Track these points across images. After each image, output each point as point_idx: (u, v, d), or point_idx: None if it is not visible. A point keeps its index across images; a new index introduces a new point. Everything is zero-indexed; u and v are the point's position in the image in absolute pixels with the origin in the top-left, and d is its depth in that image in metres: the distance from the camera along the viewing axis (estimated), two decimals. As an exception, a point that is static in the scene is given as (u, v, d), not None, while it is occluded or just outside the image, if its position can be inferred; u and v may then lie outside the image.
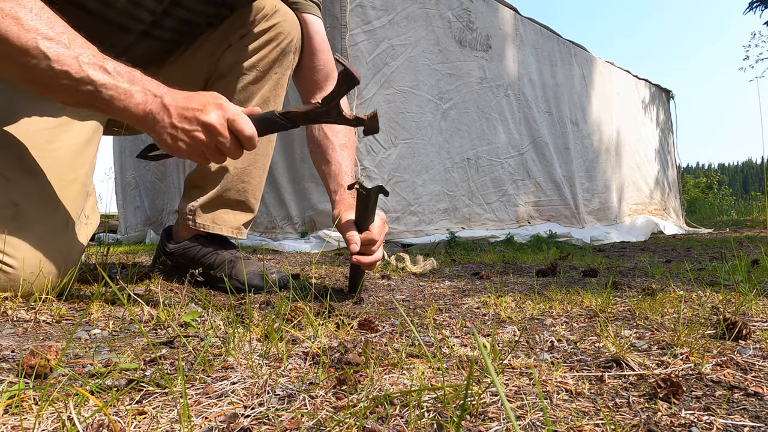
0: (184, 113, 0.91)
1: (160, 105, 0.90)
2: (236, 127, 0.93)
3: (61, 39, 0.84)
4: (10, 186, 1.03)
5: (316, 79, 1.39)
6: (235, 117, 0.92)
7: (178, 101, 0.91)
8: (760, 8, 9.18)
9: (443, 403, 0.53)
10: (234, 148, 0.95)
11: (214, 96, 0.94)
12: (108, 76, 0.87)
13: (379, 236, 1.21)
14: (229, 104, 0.94)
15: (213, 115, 0.91)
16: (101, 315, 0.97)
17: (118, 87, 0.87)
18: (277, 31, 1.30)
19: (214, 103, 0.92)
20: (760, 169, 41.39)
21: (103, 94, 0.87)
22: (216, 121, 0.91)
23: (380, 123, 2.88)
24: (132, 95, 0.88)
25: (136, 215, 4.12)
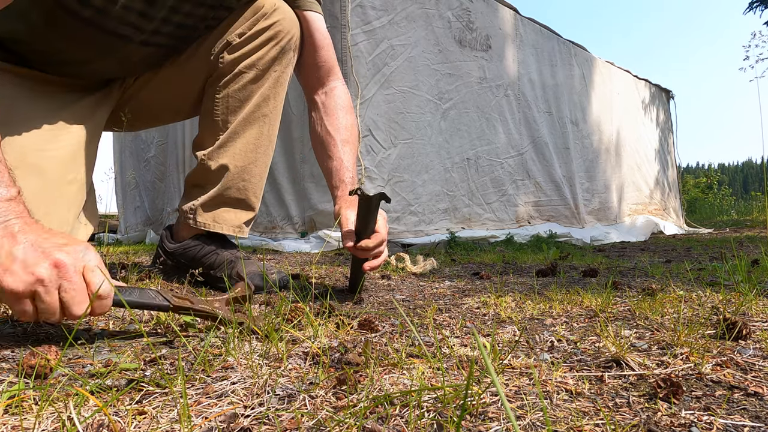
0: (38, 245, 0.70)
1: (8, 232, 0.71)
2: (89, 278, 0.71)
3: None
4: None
5: (318, 75, 1.40)
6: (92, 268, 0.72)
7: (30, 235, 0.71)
8: (760, 8, 9.19)
9: (443, 403, 0.53)
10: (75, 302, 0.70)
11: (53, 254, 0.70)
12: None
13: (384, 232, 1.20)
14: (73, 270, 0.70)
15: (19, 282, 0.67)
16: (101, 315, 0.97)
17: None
18: (276, 29, 1.30)
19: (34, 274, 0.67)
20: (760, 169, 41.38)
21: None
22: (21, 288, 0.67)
23: (380, 123, 2.89)
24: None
25: (136, 215, 4.12)
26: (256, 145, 1.35)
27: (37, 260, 0.68)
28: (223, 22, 1.31)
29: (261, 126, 1.35)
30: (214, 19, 1.29)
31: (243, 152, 1.33)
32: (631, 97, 5.77)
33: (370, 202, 1.12)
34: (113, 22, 1.14)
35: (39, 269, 0.67)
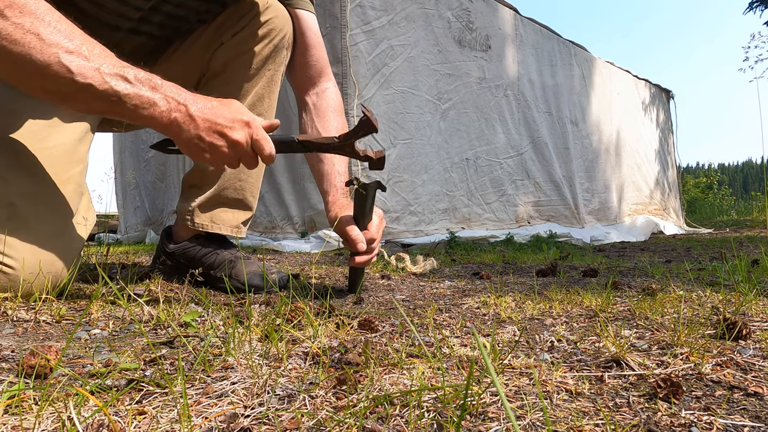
0: (213, 127, 0.92)
1: (186, 114, 0.91)
2: (258, 147, 0.96)
3: (81, 51, 0.84)
4: (6, 186, 1.02)
5: (309, 75, 1.39)
6: (258, 137, 0.96)
7: (205, 112, 0.92)
8: (760, 8, 9.19)
9: (443, 403, 0.53)
10: (252, 162, 0.99)
11: (240, 111, 0.96)
12: (130, 86, 0.87)
13: (378, 234, 1.21)
14: (255, 121, 0.96)
15: (241, 133, 0.94)
16: (101, 315, 0.97)
17: (141, 96, 0.88)
18: (269, 27, 1.29)
19: (242, 121, 0.94)
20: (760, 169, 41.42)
21: (127, 104, 0.87)
22: (243, 139, 0.94)
23: (380, 123, 2.89)
24: (155, 103, 0.89)
25: (136, 215, 4.12)
26: None
27: (236, 118, 0.94)
28: (216, 20, 1.30)
29: None
30: (206, 13, 1.28)
31: None
32: (631, 97, 5.77)
33: (366, 192, 1.13)
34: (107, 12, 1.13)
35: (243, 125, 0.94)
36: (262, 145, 0.96)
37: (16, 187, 1.04)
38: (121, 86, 0.86)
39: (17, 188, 1.04)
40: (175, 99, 0.91)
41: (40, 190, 1.07)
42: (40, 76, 0.83)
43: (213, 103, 0.94)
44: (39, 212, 1.05)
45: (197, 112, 0.92)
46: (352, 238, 1.17)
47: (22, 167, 1.06)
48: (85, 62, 0.84)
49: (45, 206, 1.07)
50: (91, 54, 0.85)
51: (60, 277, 1.06)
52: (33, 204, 1.05)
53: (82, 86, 0.84)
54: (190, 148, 0.94)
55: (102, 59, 0.86)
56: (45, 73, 0.83)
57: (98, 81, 0.85)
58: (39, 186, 1.07)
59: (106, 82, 0.85)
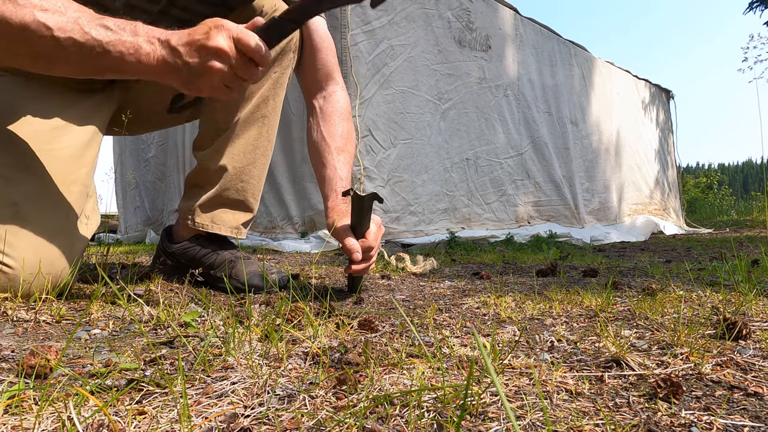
0: (192, 46, 0.89)
1: (169, 48, 0.89)
2: (242, 44, 0.90)
3: (56, 7, 0.83)
4: (10, 186, 1.03)
5: (317, 78, 1.39)
6: (238, 34, 0.90)
7: (183, 38, 0.90)
8: (760, 8, 9.19)
9: (443, 403, 0.53)
10: (249, 68, 0.93)
11: (213, 20, 0.91)
12: (111, 33, 0.86)
13: (375, 242, 1.22)
14: (229, 23, 0.91)
15: (218, 38, 0.89)
16: (101, 315, 0.97)
17: (124, 42, 0.86)
18: None
19: (214, 26, 0.90)
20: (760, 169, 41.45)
21: (112, 53, 0.86)
22: (223, 43, 0.89)
23: (380, 123, 2.89)
24: (140, 46, 0.87)
25: (136, 215, 4.12)
26: (254, 146, 1.35)
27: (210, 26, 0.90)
28: None
29: (260, 127, 1.35)
30: (214, 15, 1.29)
31: (242, 153, 1.33)
32: (631, 97, 5.77)
33: (362, 203, 1.15)
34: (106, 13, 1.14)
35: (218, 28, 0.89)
36: (246, 40, 0.90)
37: (20, 187, 1.04)
38: (102, 34, 0.85)
39: (21, 188, 1.04)
40: (157, 37, 0.89)
41: (44, 191, 1.08)
42: (22, 39, 0.82)
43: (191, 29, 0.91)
44: (42, 213, 1.05)
45: (177, 41, 0.89)
46: (348, 247, 1.18)
47: (27, 168, 1.07)
48: (61, 17, 0.83)
49: (48, 207, 1.07)
50: (67, 9, 0.85)
51: (60, 278, 1.06)
52: (36, 204, 1.05)
53: (64, 41, 0.83)
54: (184, 82, 0.92)
55: (79, 12, 0.85)
56: (25, 36, 0.82)
57: (78, 33, 0.84)
58: (43, 187, 1.08)
59: (86, 33, 0.84)
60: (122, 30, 0.87)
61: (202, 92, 0.94)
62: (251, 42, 0.91)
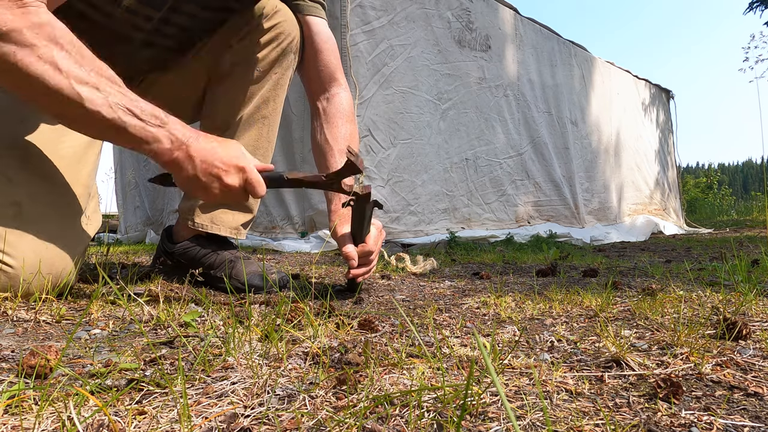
0: (209, 170, 0.96)
1: (186, 154, 0.95)
2: (251, 190, 1.01)
3: (91, 79, 0.87)
4: (12, 186, 1.03)
5: (320, 81, 1.39)
6: (251, 181, 0.99)
7: (204, 154, 0.96)
8: (760, 8, 9.19)
9: (443, 403, 0.53)
10: (243, 200, 1.04)
11: (237, 155, 0.99)
12: (137, 120, 0.91)
13: (375, 246, 1.24)
14: (249, 165, 1.00)
15: (235, 178, 0.98)
16: (101, 315, 0.97)
17: (147, 130, 0.92)
18: (277, 31, 1.30)
19: (237, 167, 0.98)
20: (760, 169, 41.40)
21: (133, 136, 0.91)
22: (237, 183, 0.99)
23: (379, 123, 2.89)
24: (159, 140, 0.93)
25: (136, 215, 4.12)
26: (255, 147, 1.35)
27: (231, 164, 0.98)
28: (225, 25, 1.31)
29: (260, 128, 1.35)
30: (217, 21, 1.30)
31: None
32: (630, 97, 5.77)
33: (363, 211, 1.18)
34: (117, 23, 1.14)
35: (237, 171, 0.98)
36: (255, 189, 1.00)
37: (22, 187, 1.04)
38: (128, 120, 0.90)
39: (23, 188, 1.04)
40: (178, 138, 0.94)
41: (46, 191, 1.08)
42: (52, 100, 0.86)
43: (213, 144, 0.98)
44: (43, 213, 1.05)
45: (196, 153, 0.95)
46: (346, 254, 1.21)
47: (30, 168, 1.07)
48: (95, 92, 0.87)
49: (50, 207, 1.07)
50: (101, 84, 0.88)
51: (60, 278, 1.06)
52: (38, 204, 1.05)
53: (91, 113, 0.87)
54: (186, 185, 0.99)
55: (111, 89, 0.89)
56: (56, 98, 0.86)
57: (106, 111, 0.88)
58: (45, 187, 1.08)
59: (114, 114, 0.89)
60: (150, 118, 0.92)
61: (196, 196, 1.02)
62: (258, 191, 1.01)
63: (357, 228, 1.22)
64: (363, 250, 1.21)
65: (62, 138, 1.14)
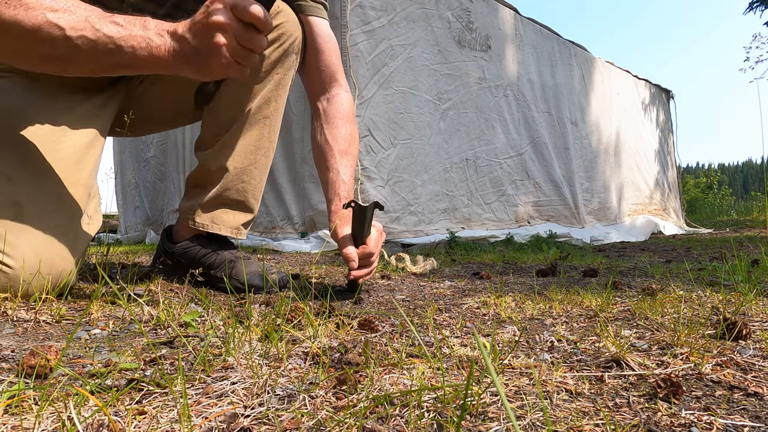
0: (194, 29, 0.90)
1: (177, 37, 0.91)
2: (239, 11, 0.89)
3: (66, 7, 0.85)
4: (13, 186, 1.03)
5: (320, 81, 1.40)
6: (234, 2, 0.89)
7: (186, 25, 0.91)
8: (760, 8, 9.19)
9: (443, 403, 0.53)
10: (252, 36, 0.91)
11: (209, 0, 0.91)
12: (122, 29, 0.88)
13: (376, 248, 1.24)
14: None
15: (216, 13, 0.89)
16: (101, 315, 0.97)
17: (135, 36, 0.88)
18: (280, 31, 1.30)
19: (210, 3, 0.90)
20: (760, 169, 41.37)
21: (124, 48, 0.88)
22: (222, 15, 0.88)
23: (379, 123, 2.89)
24: (150, 39, 0.89)
25: (136, 215, 4.12)
26: (256, 147, 1.35)
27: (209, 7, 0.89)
28: None
29: (262, 128, 1.35)
30: None
31: (243, 154, 1.33)
32: (630, 97, 5.77)
33: (363, 213, 1.19)
34: None
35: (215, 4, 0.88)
36: (242, 6, 0.89)
37: (22, 186, 1.04)
38: (113, 30, 0.87)
39: (23, 188, 1.04)
40: (166, 29, 0.91)
41: (47, 191, 1.08)
42: (35, 41, 0.85)
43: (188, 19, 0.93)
44: (43, 213, 1.05)
45: (183, 29, 0.91)
46: (345, 256, 1.21)
47: (30, 168, 1.07)
48: (72, 16, 0.86)
49: (50, 207, 1.07)
50: (77, 8, 0.87)
51: (60, 278, 1.07)
52: (38, 204, 1.05)
53: (77, 39, 0.85)
54: (196, 67, 0.92)
55: (89, 11, 0.87)
56: (39, 37, 0.84)
57: (90, 31, 0.86)
58: (45, 187, 1.08)
59: (98, 30, 0.86)
60: (132, 25, 0.89)
61: (215, 73, 0.93)
62: (248, 7, 0.89)
63: (358, 229, 1.22)
64: (364, 251, 1.22)
65: (62, 138, 1.14)
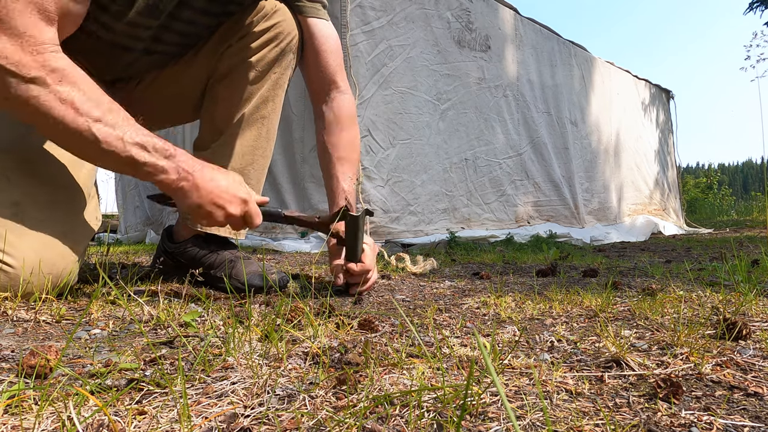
0: (214, 201, 1.03)
1: (192, 184, 1.02)
2: (249, 221, 1.09)
3: (107, 119, 0.94)
4: (11, 186, 1.03)
5: (321, 83, 1.40)
6: (251, 212, 1.08)
7: (209, 185, 1.03)
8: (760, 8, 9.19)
9: (443, 403, 0.53)
10: (240, 228, 1.11)
11: (240, 188, 1.07)
12: (147, 155, 0.97)
13: (372, 263, 1.29)
14: (251, 197, 1.08)
15: (238, 209, 1.06)
16: (101, 315, 0.97)
17: (156, 165, 0.98)
18: (276, 30, 1.30)
19: (240, 199, 1.06)
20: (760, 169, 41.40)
21: (142, 169, 0.98)
22: (238, 213, 1.06)
23: (379, 123, 2.89)
24: (167, 172, 1.00)
25: (136, 215, 4.12)
26: (254, 147, 1.35)
27: (236, 195, 1.06)
28: (224, 25, 1.31)
29: (260, 128, 1.35)
30: (217, 25, 1.30)
31: (241, 154, 1.33)
32: (630, 98, 5.77)
33: (356, 222, 1.23)
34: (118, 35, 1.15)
35: (241, 203, 1.06)
36: (253, 220, 1.09)
37: (22, 187, 1.04)
38: (140, 155, 0.96)
39: (23, 188, 1.04)
40: (185, 169, 1.01)
41: (46, 191, 1.08)
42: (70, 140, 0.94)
43: (217, 175, 1.05)
44: (43, 213, 1.05)
45: (202, 183, 1.02)
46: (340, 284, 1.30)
47: (29, 168, 1.07)
48: (110, 130, 0.94)
49: (50, 206, 1.07)
50: (116, 123, 0.95)
51: (60, 278, 1.06)
52: (38, 204, 1.05)
53: (105, 152, 0.94)
54: (188, 211, 1.04)
55: (126, 128, 0.96)
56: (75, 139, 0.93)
57: (120, 149, 0.95)
58: (44, 187, 1.08)
59: (127, 151, 0.95)
60: (157, 153, 0.99)
61: (193, 222, 1.09)
62: (256, 222, 1.10)
63: (351, 239, 1.25)
64: (362, 269, 1.25)
65: None
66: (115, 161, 0.96)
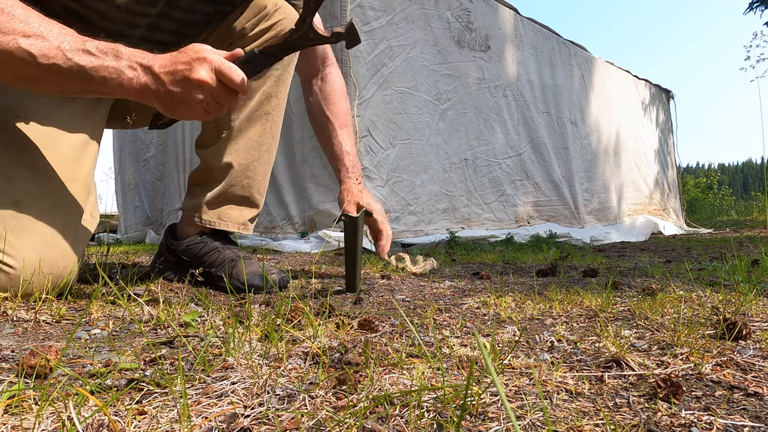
0: (175, 77, 0.91)
1: (152, 75, 0.91)
2: (225, 77, 0.93)
3: (39, 32, 0.85)
4: (11, 184, 1.03)
5: (316, 62, 1.46)
6: (220, 67, 0.92)
7: (166, 66, 0.92)
8: (760, 8, 9.19)
9: (443, 403, 0.53)
10: (228, 97, 0.96)
11: (196, 50, 0.93)
12: (94, 58, 0.88)
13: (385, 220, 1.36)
14: (212, 53, 0.93)
15: (201, 71, 0.91)
16: (101, 315, 0.97)
17: (107, 67, 0.89)
18: (279, 28, 1.30)
19: (197, 58, 0.92)
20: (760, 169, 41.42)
21: (95, 78, 0.89)
22: (206, 76, 0.91)
23: (379, 123, 2.89)
24: (122, 71, 0.90)
25: (136, 215, 4.12)
26: (259, 143, 1.36)
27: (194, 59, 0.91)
28: (225, 21, 1.31)
29: (264, 124, 1.36)
30: (216, 14, 1.29)
31: (246, 150, 1.34)
32: (630, 98, 5.77)
33: (355, 224, 1.26)
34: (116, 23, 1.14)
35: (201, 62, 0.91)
36: (228, 74, 0.93)
37: (21, 185, 1.04)
38: (85, 60, 0.87)
39: (22, 186, 1.04)
40: (140, 63, 0.91)
41: (46, 189, 1.08)
42: (6, 65, 0.85)
43: (173, 54, 0.93)
44: (43, 211, 1.05)
45: (160, 69, 0.91)
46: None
47: (28, 166, 1.07)
48: (44, 43, 0.85)
49: (49, 205, 1.07)
50: (50, 34, 0.86)
51: (61, 277, 1.06)
52: (37, 203, 1.05)
53: (47, 67, 0.86)
54: (167, 106, 0.94)
55: (62, 37, 0.87)
56: (10, 62, 0.84)
57: (62, 59, 0.86)
58: (44, 185, 1.08)
59: (69, 59, 0.86)
60: (104, 54, 0.89)
61: (183, 117, 0.98)
62: (233, 76, 0.93)
63: (351, 239, 1.27)
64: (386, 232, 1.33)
65: (60, 136, 1.14)
66: (62, 76, 0.87)
